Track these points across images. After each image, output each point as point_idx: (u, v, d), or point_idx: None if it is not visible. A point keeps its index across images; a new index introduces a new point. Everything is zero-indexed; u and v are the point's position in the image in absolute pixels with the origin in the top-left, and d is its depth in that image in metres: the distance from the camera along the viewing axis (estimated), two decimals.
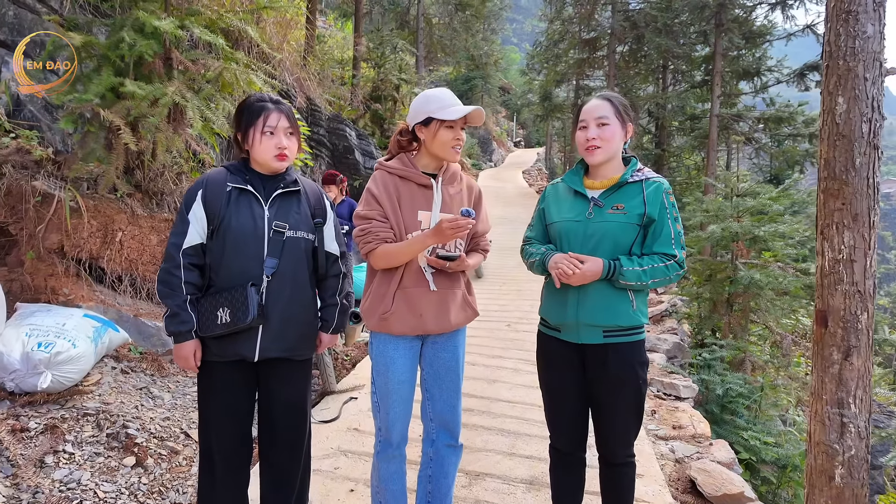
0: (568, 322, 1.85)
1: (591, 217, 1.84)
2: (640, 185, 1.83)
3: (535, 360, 4.22)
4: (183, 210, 1.79)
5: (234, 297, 1.76)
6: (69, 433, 2.55)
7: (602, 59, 15.24)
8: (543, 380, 2.03)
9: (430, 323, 1.91)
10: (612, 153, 1.84)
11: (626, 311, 1.82)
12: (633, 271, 1.76)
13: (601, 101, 1.85)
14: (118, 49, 3.64)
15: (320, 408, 3.40)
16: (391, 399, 1.95)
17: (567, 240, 1.88)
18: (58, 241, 3.68)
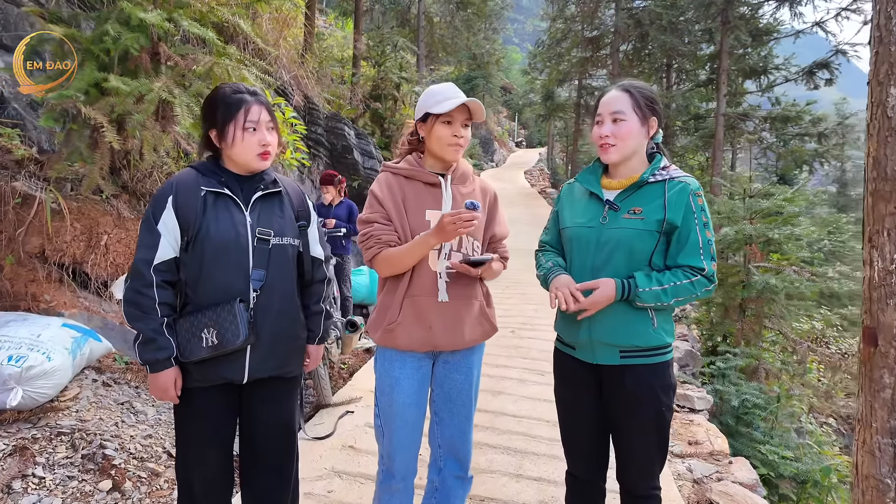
0: (581, 340, 1.68)
1: (605, 222, 1.64)
2: (663, 186, 1.61)
3: (540, 369, 4.06)
4: (150, 219, 1.57)
5: (221, 316, 1.56)
6: (40, 455, 2.35)
7: (605, 57, 15.04)
8: (559, 399, 1.85)
9: (440, 337, 1.72)
10: (628, 152, 1.64)
11: (644, 331, 1.62)
12: (650, 292, 1.55)
13: (619, 93, 1.65)
14: (102, 43, 3.45)
15: (314, 423, 3.21)
16: (395, 423, 1.75)
17: (578, 248, 1.70)
18: (39, 244, 3.49)
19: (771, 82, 11.70)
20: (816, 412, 6.78)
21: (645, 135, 1.64)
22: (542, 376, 3.94)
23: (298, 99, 6.45)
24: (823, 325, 6.30)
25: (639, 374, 1.63)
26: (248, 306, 1.60)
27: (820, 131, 10.82)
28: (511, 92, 33.98)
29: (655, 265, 1.62)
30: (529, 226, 12.20)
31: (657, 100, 1.68)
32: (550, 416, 3.29)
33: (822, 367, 7.12)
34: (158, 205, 1.58)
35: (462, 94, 1.74)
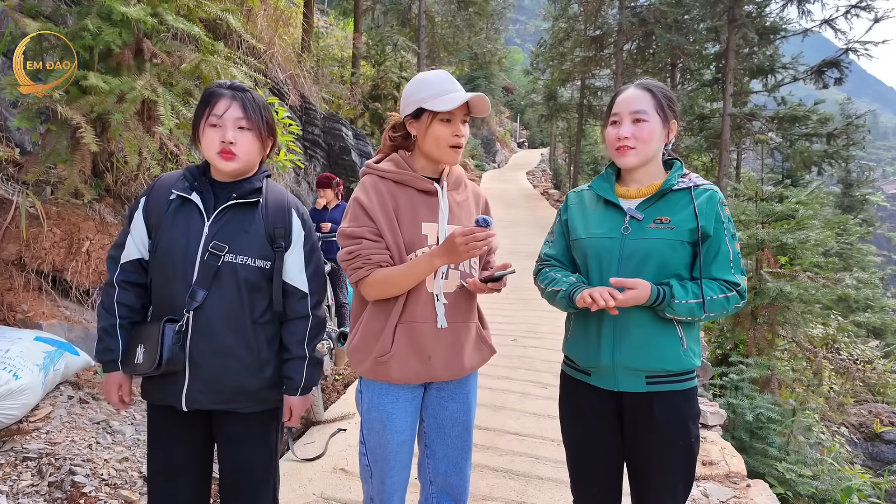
0: (602, 365, 1.50)
1: (628, 233, 1.49)
2: (689, 194, 1.49)
3: (544, 381, 3.86)
4: (127, 218, 1.57)
5: (150, 335, 1.45)
6: (3, 483, 2.17)
7: (609, 57, 14.83)
8: (567, 433, 1.65)
9: (439, 368, 1.52)
10: (648, 156, 1.50)
11: (674, 353, 1.46)
12: (685, 305, 1.41)
13: (640, 92, 1.50)
14: (81, 38, 3.27)
15: (304, 442, 3.02)
16: (389, 464, 1.54)
17: (598, 260, 1.53)
18: (16, 251, 3.31)
19: (778, 82, 11.47)
20: (827, 420, 6.57)
21: (664, 138, 1.52)
22: (546, 389, 3.75)
23: (294, 99, 6.27)
24: (835, 331, 6.09)
25: (669, 402, 1.47)
26: (179, 327, 1.43)
27: (829, 132, 10.59)
28: (513, 92, 33.79)
29: (683, 278, 1.49)
30: (533, 227, 12.02)
31: (675, 100, 1.55)
32: (555, 435, 3.09)
33: (833, 374, 6.92)
34: (134, 204, 1.55)
35: (460, 86, 1.54)
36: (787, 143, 12.02)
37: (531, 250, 1.91)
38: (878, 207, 21.84)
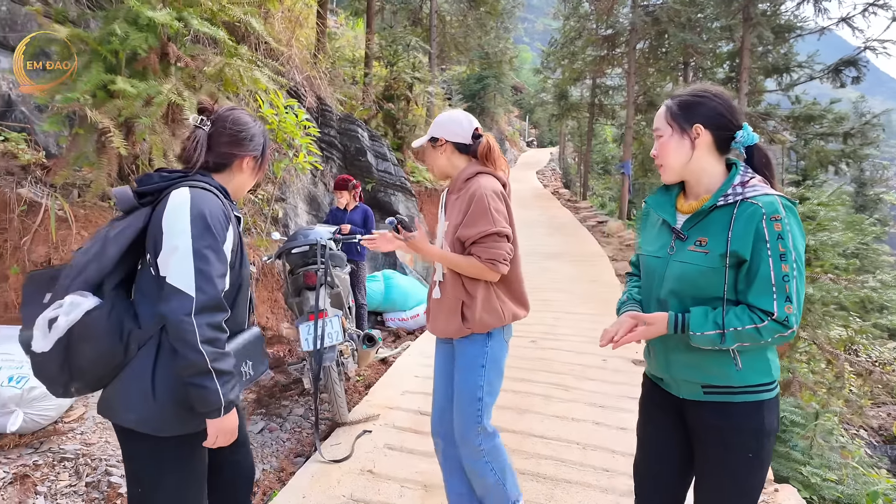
0: (660, 375, 1.55)
1: (672, 253, 1.46)
2: (731, 211, 1.36)
3: (565, 384, 3.86)
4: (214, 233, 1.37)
5: (255, 346, 1.53)
6: (42, 483, 2.20)
7: (621, 56, 14.75)
8: (641, 434, 1.71)
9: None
10: (676, 168, 1.46)
11: (723, 372, 1.41)
12: (704, 336, 1.35)
13: (661, 108, 1.50)
14: (109, 43, 3.31)
15: (330, 443, 3.03)
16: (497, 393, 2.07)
17: (646, 279, 1.56)
18: (45, 253, 3.36)
19: (794, 80, 11.36)
20: (846, 423, 6.51)
21: (690, 146, 1.43)
22: (568, 392, 3.75)
23: (311, 100, 6.30)
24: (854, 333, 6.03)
25: (726, 412, 1.42)
26: None
27: (846, 131, 10.48)
28: (522, 91, 33.70)
29: (730, 301, 1.38)
30: (547, 228, 12.00)
31: (702, 101, 1.43)
32: (580, 438, 3.10)
33: (852, 375, 6.85)
34: (221, 226, 1.40)
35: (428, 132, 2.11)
36: (801, 143, 11.91)
37: (548, 251, 2.03)
38: (890, 206, 21.54)
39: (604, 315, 5.64)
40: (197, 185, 1.42)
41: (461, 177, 2.02)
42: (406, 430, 3.20)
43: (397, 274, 6.02)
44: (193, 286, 1.30)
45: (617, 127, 19.09)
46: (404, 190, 7.59)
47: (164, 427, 1.37)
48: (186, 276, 1.30)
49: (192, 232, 1.32)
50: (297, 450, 3.20)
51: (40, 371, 1.33)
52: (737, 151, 1.48)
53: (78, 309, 1.27)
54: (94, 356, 1.32)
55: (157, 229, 1.35)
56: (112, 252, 1.34)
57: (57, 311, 1.27)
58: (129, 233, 1.36)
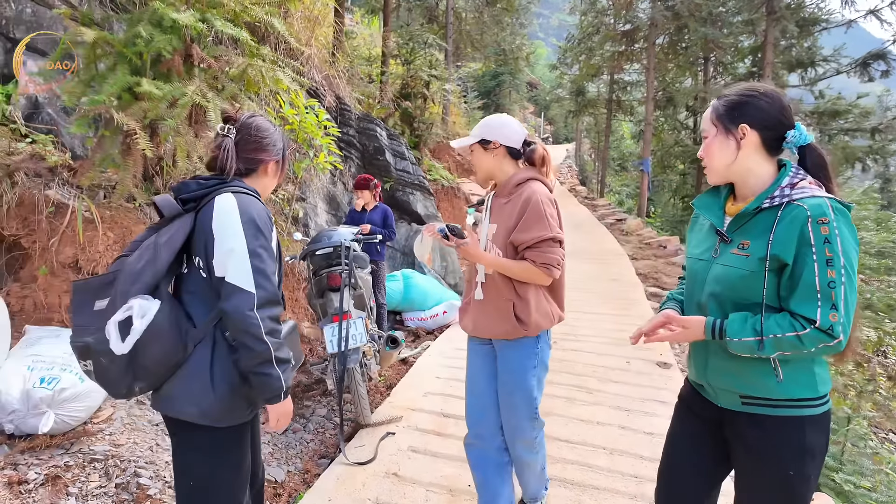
0: (700, 381, 1.52)
1: (716, 256, 1.43)
2: (776, 213, 1.31)
3: (588, 386, 3.81)
4: (264, 233, 1.48)
5: (293, 337, 1.63)
6: (73, 484, 2.22)
7: (640, 51, 14.55)
8: (671, 437, 1.65)
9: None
10: (720, 169, 1.43)
11: (763, 383, 1.35)
12: (741, 343, 1.30)
13: (707, 109, 1.47)
14: (134, 45, 3.33)
15: (354, 445, 3.03)
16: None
17: (689, 282, 1.54)
18: (72, 254, 3.39)
19: (820, 75, 11.10)
20: (875, 427, 6.35)
21: (735, 147, 1.38)
22: (592, 395, 3.70)
23: (330, 100, 6.30)
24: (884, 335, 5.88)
25: (764, 426, 1.37)
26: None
27: (873, 126, 10.21)
28: (537, 87, 33.47)
29: (772, 307, 1.33)
30: (566, 225, 11.85)
31: (749, 100, 1.38)
32: (606, 443, 3.05)
33: (882, 378, 6.67)
34: (268, 227, 1.51)
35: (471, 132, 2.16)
36: (825, 139, 11.64)
37: (566, 249, 2.05)
38: None
39: (625, 315, 5.57)
40: (239, 191, 1.50)
41: (511, 181, 2.05)
42: (429, 432, 3.18)
43: (416, 273, 6.00)
44: (253, 283, 1.40)
45: (635, 123, 18.87)
46: (422, 189, 7.57)
47: (221, 418, 1.48)
48: (245, 275, 1.40)
49: (246, 234, 1.42)
50: (321, 451, 3.20)
51: (104, 375, 1.40)
52: (789, 152, 1.42)
53: (151, 311, 1.37)
54: (160, 355, 1.40)
55: (207, 234, 1.44)
56: (165, 257, 1.42)
57: (127, 313, 1.35)
58: (179, 238, 1.45)
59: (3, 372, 2.39)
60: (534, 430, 2.11)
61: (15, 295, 3.32)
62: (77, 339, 1.41)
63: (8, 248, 3.43)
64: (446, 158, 13.52)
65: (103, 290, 1.41)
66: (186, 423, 1.47)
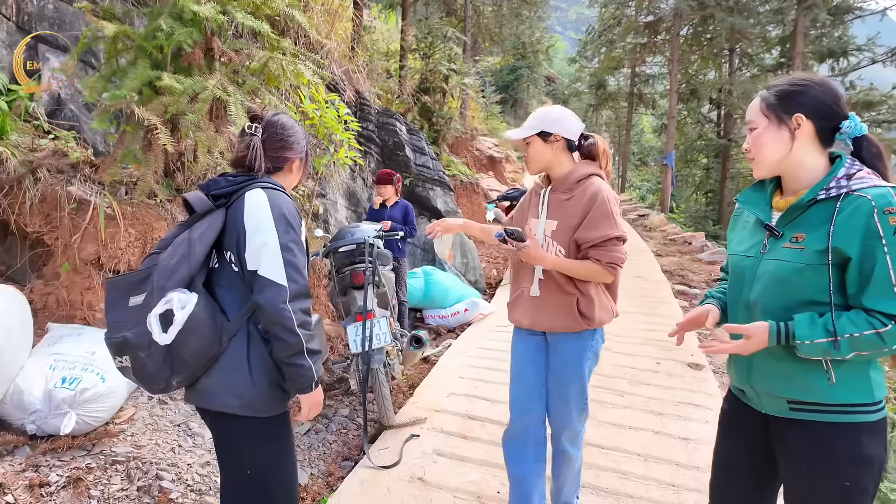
0: (742, 386, 1.45)
1: (766, 252, 1.36)
2: (834, 205, 1.24)
3: (618, 388, 3.68)
4: (294, 228, 1.51)
5: (319, 329, 1.63)
6: (94, 487, 2.18)
7: (663, 43, 14.23)
8: (717, 450, 1.59)
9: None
10: (771, 162, 1.36)
11: (815, 386, 1.27)
12: (814, 345, 1.21)
13: (754, 100, 1.41)
14: (155, 39, 3.28)
15: (378, 447, 2.95)
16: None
17: (734, 280, 1.46)
18: (94, 251, 3.36)
19: (853, 65, 10.71)
20: None
21: (789, 138, 1.32)
22: (622, 397, 3.57)
23: (350, 94, 6.22)
24: None
25: (813, 433, 1.29)
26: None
27: None
28: (555, 81, 33.11)
29: (836, 305, 1.24)
30: None
31: (803, 89, 1.32)
32: (640, 449, 2.92)
33: None
34: (297, 222, 1.53)
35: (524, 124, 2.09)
36: None
37: None
38: None
39: (653, 314, 5.41)
40: (268, 186, 1.53)
41: (572, 177, 2.02)
42: (454, 435, 3.09)
43: (437, 270, 5.91)
44: (285, 277, 1.43)
45: (657, 117, 18.51)
46: (443, 184, 7.47)
47: (263, 408, 1.50)
48: (278, 269, 1.42)
49: (277, 228, 1.45)
50: (345, 453, 3.13)
51: (142, 370, 1.41)
52: (842, 144, 1.34)
53: (191, 302, 1.38)
54: (198, 348, 1.41)
55: (239, 229, 1.46)
56: (200, 251, 1.45)
57: (167, 306, 1.36)
58: (212, 233, 1.47)
59: (25, 371, 2.35)
60: (581, 422, 2.13)
61: (38, 292, 3.30)
62: (113, 336, 1.42)
63: (31, 245, 3.42)
64: (464, 154, 13.40)
65: (138, 287, 1.44)
66: (229, 415, 1.49)
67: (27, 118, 3.70)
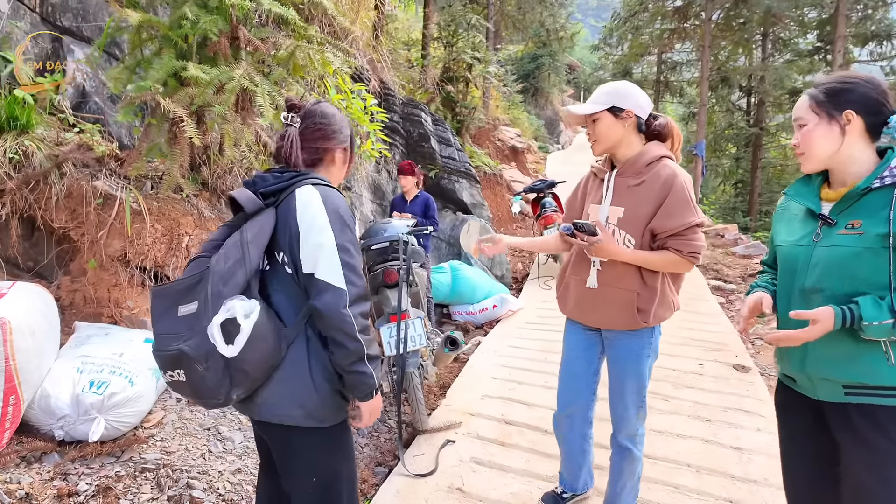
0: (796, 373, 1.48)
1: (819, 240, 1.42)
2: (892, 192, 1.32)
3: (663, 393, 3.49)
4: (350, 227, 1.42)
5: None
6: (124, 496, 2.09)
7: (693, 28, 13.75)
8: (781, 440, 1.64)
9: None
10: (822, 157, 1.43)
11: (873, 368, 1.31)
12: (880, 327, 1.26)
13: (801, 98, 1.48)
14: (180, 28, 3.17)
15: (412, 453, 2.82)
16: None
17: (787, 269, 1.50)
18: (120, 247, 3.29)
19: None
20: None
21: (839, 133, 1.39)
22: (668, 402, 3.38)
23: (375, 84, 6.07)
24: None
25: (874, 416, 1.33)
26: None
27: None
28: (576, 70, 32.47)
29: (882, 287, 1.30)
30: None
31: (852, 86, 1.39)
32: (691, 459, 2.75)
33: None
34: (351, 219, 1.44)
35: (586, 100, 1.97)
36: None
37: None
38: None
39: (691, 312, 5.18)
40: (319, 183, 1.43)
41: (642, 159, 1.88)
42: (492, 441, 2.95)
43: (464, 265, 5.76)
44: (343, 280, 1.34)
45: (684, 105, 17.98)
46: (469, 176, 7.29)
47: (326, 417, 1.44)
48: (336, 271, 1.34)
49: (333, 228, 1.36)
50: (377, 458, 3.02)
51: (199, 383, 1.30)
52: (890, 137, 1.40)
53: (255, 310, 1.30)
54: (261, 357, 1.34)
55: (292, 229, 1.37)
56: (255, 254, 1.36)
57: (229, 314, 1.26)
58: (265, 234, 1.38)
59: (52, 374, 2.27)
60: (639, 420, 2.06)
61: (65, 288, 3.24)
62: (164, 349, 1.31)
63: (58, 241, 3.35)
64: (486, 144, 13.16)
65: (187, 294, 1.34)
66: (291, 426, 1.42)
67: (52, 111, 3.63)
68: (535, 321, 5.19)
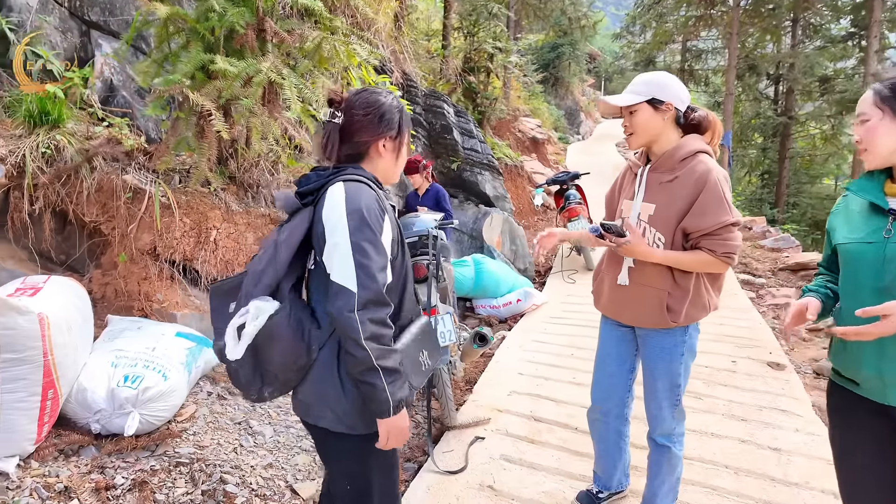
0: (867, 375, 1.39)
1: (891, 236, 1.36)
2: None
3: (696, 391, 3.41)
4: (371, 225, 1.31)
5: (427, 335, 1.49)
6: (159, 490, 2.10)
7: (720, 15, 13.38)
8: (836, 446, 1.55)
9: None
10: (883, 154, 1.38)
11: None
12: None
13: (865, 94, 1.43)
14: (207, 20, 3.15)
15: (442, 450, 2.80)
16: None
17: (856, 267, 1.43)
18: (150, 241, 3.31)
19: None
20: None
21: None
22: (701, 401, 3.31)
23: (398, 76, 6.02)
24: None
25: None
26: None
27: None
28: (597, 59, 31.91)
29: None
30: None
31: None
32: (728, 460, 2.68)
33: None
34: (377, 217, 1.33)
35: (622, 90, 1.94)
36: None
37: None
38: None
39: (721, 307, 5.04)
40: (350, 179, 1.37)
41: (678, 154, 1.81)
42: (522, 438, 2.91)
43: (487, 259, 5.70)
44: (355, 282, 1.27)
45: (709, 95, 17.57)
46: (491, 168, 7.20)
47: (356, 424, 1.38)
48: (348, 272, 1.27)
49: (350, 226, 1.29)
50: (406, 454, 3.00)
51: (237, 378, 1.36)
52: None
53: (264, 314, 1.28)
54: (280, 359, 1.32)
55: (321, 228, 1.33)
56: (284, 256, 1.34)
57: (243, 317, 1.29)
58: (297, 235, 1.36)
59: (88, 368, 2.29)
60: (675, 420, 2.03)
61: (97, 282, 3.27)
62: (215, 343, 1.39)
63: (89, 235, 3.39)
64: (507, 135, 13.02)
65: (233, 292, 1.38)
66: (325, 430, 1.40)
67: (81, 106, 3.66)
68: (560, 315, 5.12)
